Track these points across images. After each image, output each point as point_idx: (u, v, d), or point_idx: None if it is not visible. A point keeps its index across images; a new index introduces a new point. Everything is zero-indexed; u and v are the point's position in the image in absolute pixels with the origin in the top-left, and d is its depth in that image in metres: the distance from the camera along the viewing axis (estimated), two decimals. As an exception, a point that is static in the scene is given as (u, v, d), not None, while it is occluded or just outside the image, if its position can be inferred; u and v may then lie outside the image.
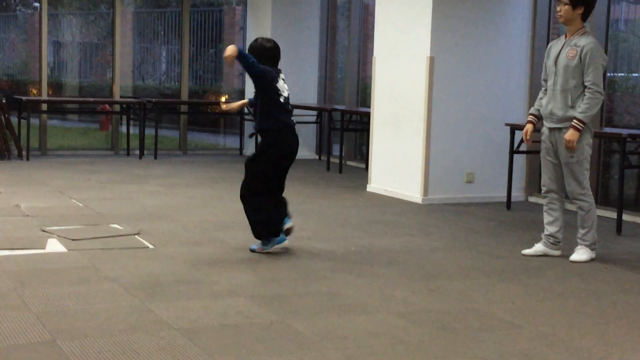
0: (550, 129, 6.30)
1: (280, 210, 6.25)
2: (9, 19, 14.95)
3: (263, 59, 6.11)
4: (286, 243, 6.22)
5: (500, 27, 9.10)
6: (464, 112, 9.01)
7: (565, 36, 6.30)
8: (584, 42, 6.15)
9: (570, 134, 6.12)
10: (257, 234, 6.18)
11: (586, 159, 6.21)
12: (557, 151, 6.29)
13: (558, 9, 6.26)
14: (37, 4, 13.34)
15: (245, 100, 6.88)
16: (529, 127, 6.52)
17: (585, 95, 6.09)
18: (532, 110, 6.58)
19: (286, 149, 6.21)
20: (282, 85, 6.18)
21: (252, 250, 6.17)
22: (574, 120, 6.10)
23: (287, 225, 6.23)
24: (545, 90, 6.41)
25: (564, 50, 6.22)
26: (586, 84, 6.09)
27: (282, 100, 6.16)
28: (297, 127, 6.42)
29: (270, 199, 6.19)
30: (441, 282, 5.50)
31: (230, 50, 5.88)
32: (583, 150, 6.18)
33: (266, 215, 6.14)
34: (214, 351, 3.97)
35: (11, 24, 15.02)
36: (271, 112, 6.14)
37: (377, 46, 9.67)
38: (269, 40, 6.30)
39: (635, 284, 5.71)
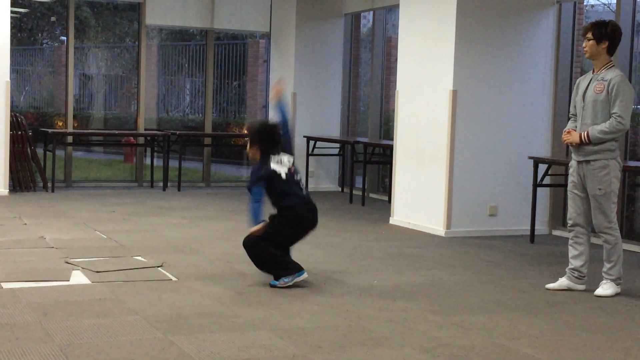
0: (579, 162, 6.27)
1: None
2: (35, 52, 15.14)
3: (262, 141, 6.25)
4: (305, 275, 6.20)
5: (523, 60, 9.11)
6: (487, 145, 9.00)
7: (593, 71, 6.30)
8: (611, 75, 6.14)
9: (574, 136, 6.20)
10: (274, 274, 6.21)
11: (614, 192, 6.17)
12: (585, 184, 6.25)
13: (583, 44, 6.27)
14: (63, 37, 13.52)
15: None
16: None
17: (610, 120, 6.07)
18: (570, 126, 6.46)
19: (306, 224, 6.38)
20: (277, 165, 6.24)
21: (273, 286, 6.15)
22: (585, 133, 6.12)
23: (302, 277, 6.20)
24: (574, 121, 6.38)
25: (592, 85, 6.21)
26: (612, 115, 6.07)
27: (283, 178, 6.23)
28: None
29: (280, 249, 6.27)
30: (464, 316, 5.47)
31: None
32: (610, 183, 6.15)
33: (275, 260, 6.17)
34: (236, 385, 3.96)
35: (38, 57, 15.21)
36: (283, 193, 6.25)
37: (399, 79, 9.70)
38: (259, 121, 6.64)
39: (661, 319, 5.65)
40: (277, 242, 6.23)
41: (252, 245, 6.19)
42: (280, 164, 6.24)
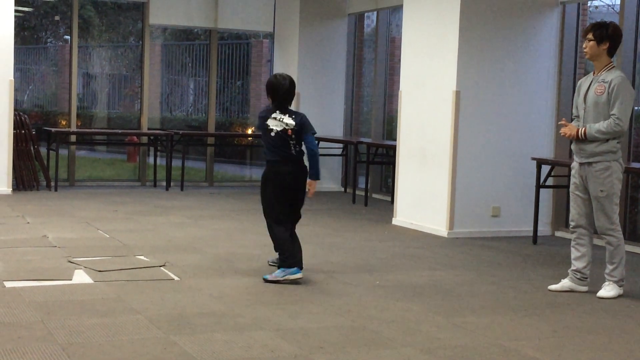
0: (581, 164, 6.27)
1: (295, 246, 6.42)
2: (39, 51, 15.15)
3: (276, 95, 6.45)
4: (298, 275, 6.25)
5: (526, 61, 9.10)
6: (490, 146, 8.99)
7: (594, 73, 6.30)
8: (612, 76, 6.14)
9: (571, 129, 6.20)
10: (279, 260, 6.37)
11: (616, 193, 6.17)
12: (586, 186, 6.25)
13: (584, 45, 6.27)
14: (67, 37, 13.52)
15: None
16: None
17: (608, 120, 6.07)
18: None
19: (275, 181, 6.44)
20: (273, 121, 6.40)
21: (265, 280, 6.22)
22: (583, 129, 6.14)
23: (295, 276, 6.25)
24: (577, 122, 6.37)
25: (593, 86, 6.21)
26: (611, 116, 6.07)
27: (272, 134, 6.41)
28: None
29: (283, 229, 6.36)
30: (466, 317, 5.47)
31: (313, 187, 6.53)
32: (613, 185, 6.15)
33: (279, 243, 6.32)
34: (237, 385, 3.97)
35: (42, 56, 15.22)
36: (268, 147, 6.48)
37: (403, 79, 9.70)
38: (285, 77, 6.51)
39: (663, 321, 5.65)
40: (271, 214, 6.42)
41: (268, 224, 6.45)
42: (277, 121, 6.40)
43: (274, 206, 6.40)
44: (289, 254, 6.27)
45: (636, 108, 8.91)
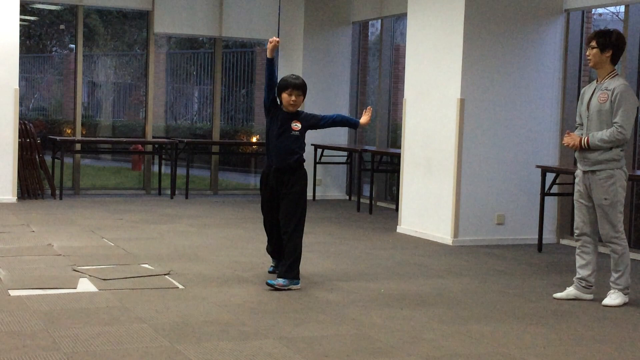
0: (584, 172, 6.26)
1: None
2: (44, 59, 15.18)
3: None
4: (299, 286, 6.33)
5: (531, 69, 9.11)
6: (495, 154, 8.99)
7: (597, 80, 6.30)
8: (615, 84, 6.14)
9: (574, 138, 6.19)
10: (287, 272, 6.32)
11: (620, 201, 6.16)
12: (590, 194, 6.24)
13: (587, 53, 6.28)
14: (72, 45, 13.56)
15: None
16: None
17: (611, 129, 6.06)
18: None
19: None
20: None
21: (270, 285, 6.27)
22: (586, 138, 6.14)
23: (297, 286, 6.33)
24: (580, 129, 6.37)
25: (596, 94, 6.21)
26: (614, 124, 6.07)
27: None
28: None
29: None
30: (471, 326, 5.46)
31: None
32: (617, 193, 6.14)
33: (299, 254, 6.38)
34: (242, 394, 3.96)
35: (47, 64, 15.25)
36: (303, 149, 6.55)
37: (407, 87, 9.70)
38: (297, 77, 6.68)
39: (669, 329, 5.63)
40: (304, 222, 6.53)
41: (295, 236, 6.43)
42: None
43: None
44: (298, 265, 6.33)
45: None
